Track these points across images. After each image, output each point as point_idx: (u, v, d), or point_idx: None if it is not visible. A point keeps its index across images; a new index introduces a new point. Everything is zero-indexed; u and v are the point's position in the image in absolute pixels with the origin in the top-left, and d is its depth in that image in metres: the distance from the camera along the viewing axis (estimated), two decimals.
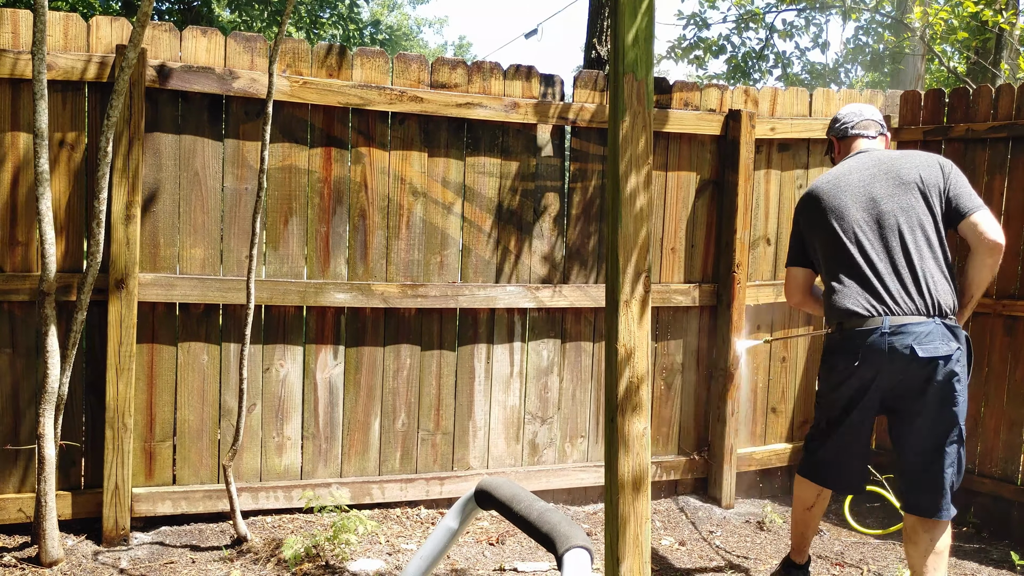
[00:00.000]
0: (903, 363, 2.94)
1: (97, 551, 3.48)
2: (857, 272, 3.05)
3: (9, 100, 3.38)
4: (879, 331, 2.96)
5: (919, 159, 3.15)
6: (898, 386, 3.00)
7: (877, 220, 3.08)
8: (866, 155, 3.24)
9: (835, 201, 3.15)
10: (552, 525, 1.28)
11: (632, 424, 2.30)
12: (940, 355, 2.92)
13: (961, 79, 9.01)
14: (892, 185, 3.10)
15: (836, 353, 3.09)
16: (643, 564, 2.33)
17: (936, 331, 2.93)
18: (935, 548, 3.03)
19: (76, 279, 3.44)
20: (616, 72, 2.23)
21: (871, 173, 3.15)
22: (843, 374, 3.06)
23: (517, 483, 1.47)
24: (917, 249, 3.03)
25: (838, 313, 3.07)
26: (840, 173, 3.22)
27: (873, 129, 3.36)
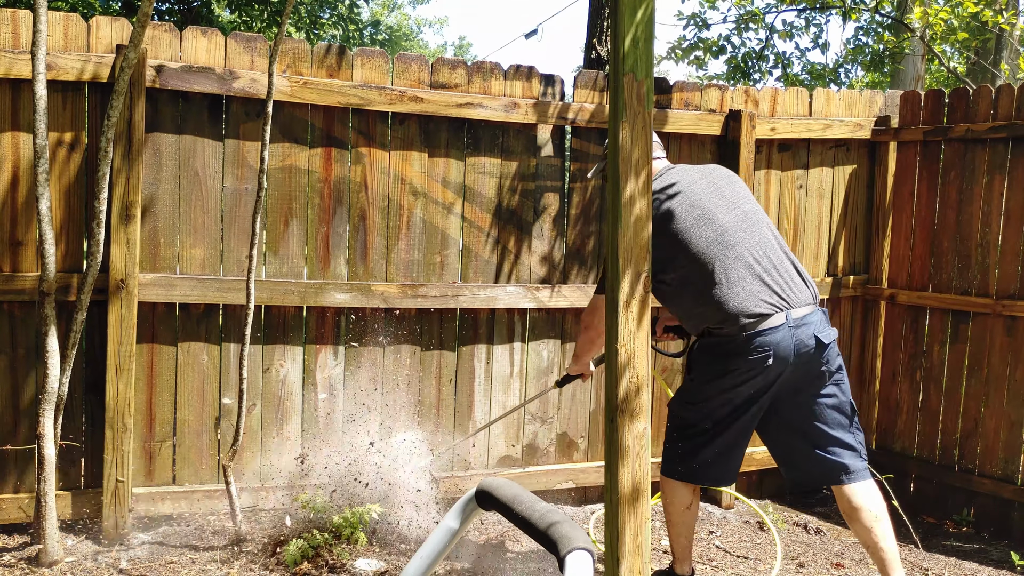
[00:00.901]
0: (808, 354, 3.01)
1: (97, 551, 3.48)
2: (747, 273, 3.04)
3: (9, 100, 3.38)
4: (784, 326, 2.98)
5: (727, 171, 3.33)
6: (799, 374, 3.05)
7: (743, 220, 3.12)
8: (683, 168, 3.26)
9: (691, 212, 3.10)
10: (553, 526, 1.28)
11: (632, 424, 2.30)
12: (833, 339, 3.07)
13: (961, 79, 9.01)
14: (735, 187, 3.21)
15: (737, 355, 3.02)
16: (643, 564, 2.33)
17: (823, 317, 3.08)
18: (875, 514, 3.09)
19: (76, 279, 3.44)
20: (616, 72, 2.23)
21: (709, 180, 3.20)
22: (746, 375, 3.03)
23: (518, 484, 1.47)
24: (781, 244, 3.16)
25: (735, 315, 3.00)
26: (678, 185, 3.16)
27: (660, 149, 3.36)
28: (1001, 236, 4.35)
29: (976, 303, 4.41)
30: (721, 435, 3.16)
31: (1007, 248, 4.33)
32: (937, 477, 4.57)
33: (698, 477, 3.25)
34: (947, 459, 4.56)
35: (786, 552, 4.04)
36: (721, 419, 3.14)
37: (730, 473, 3.27)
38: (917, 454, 4.70)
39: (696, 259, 3.07)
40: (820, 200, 4.82)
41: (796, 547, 4.11)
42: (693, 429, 3.21)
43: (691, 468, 3.24)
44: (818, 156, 4.79)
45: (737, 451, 3.23)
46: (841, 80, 11.58)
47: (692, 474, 3.24)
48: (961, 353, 4.51)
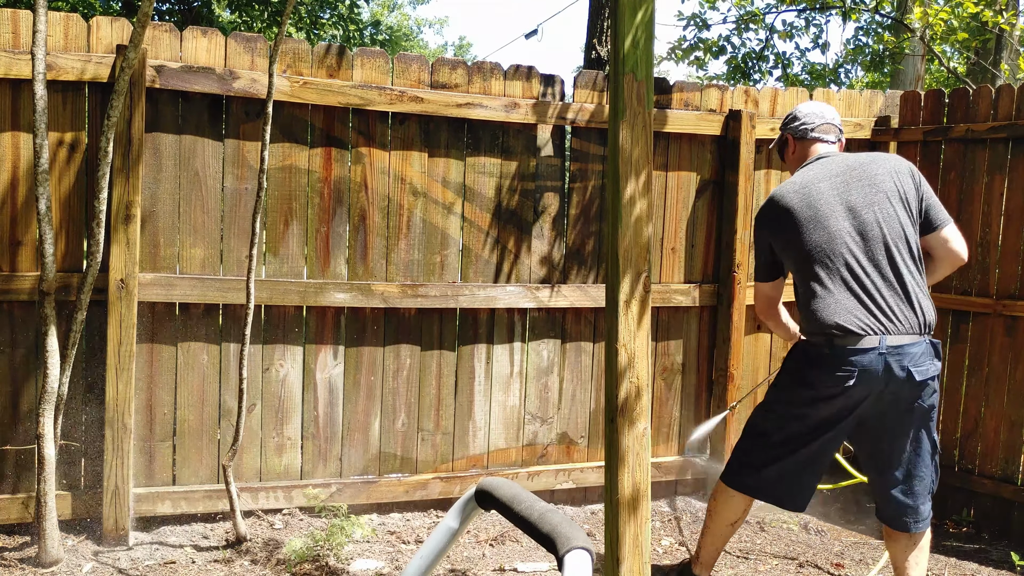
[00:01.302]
0: (897, 385, 2.84)
1: (97, 551, 3.48)
2: (846, 287, 2.88)
3: (9, 100, 3.38)
4: (876, 351, 2.82)
5: (890, 164, 3.02)
6: (885, 406, 2.90)
7: (860, 231, 2.92)
8: (830, 161, 3.06)
9: (809, 212, 2.96)
10: (553, 526, 1.28)
11: (632, 425, 2.30)
12: (930, 376, 2.87)
13: (961, 79, 9.01)
14: (869, 192, 2.95)
15: (820, 367, 2.90)
16: (643, 565, 2.33)
17: (927, 351, 2.88)
18: (917, 544, 3.01)
19: (76, 279, 3.44)
20: (616, 73, 2.23)
21: (843, 180, 2.99)
22: (827, 391, 2.90)
23: (517, 484, 1.47)
24: (903, 261, 2.90)
25: (826, 327, 2.88)
26: (807, 181, 3.02)
27: (832, 134, 3.20)
28: (1001, 236, 4.35)
29: (976, 303, 4.41)
30: (792, 454, 3.02)
31: (1007, 248, 4.33)
32: None
33: (758, 492, 3.13)
34: (947, 459, 4.56)
35: (786, 552, 4.04)
36: (794, 436, 3.00)
37: (794, 496, 3.10)
38: None
39: (800, 263, 2.98)
40: None
41: (796, 547, 4.11)
42: (765, 440, 3.09)
43: (750, 479, 3.13)
44: None
45: (806, 476, 3.07)
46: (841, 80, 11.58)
47: (748, 485, 3.14)
48: (961, 353, 4.51)
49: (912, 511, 2.98)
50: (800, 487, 3.10)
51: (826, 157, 3.08)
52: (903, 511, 2.99)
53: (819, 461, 3.06)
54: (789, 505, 3.14)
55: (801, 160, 3.19)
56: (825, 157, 3.09)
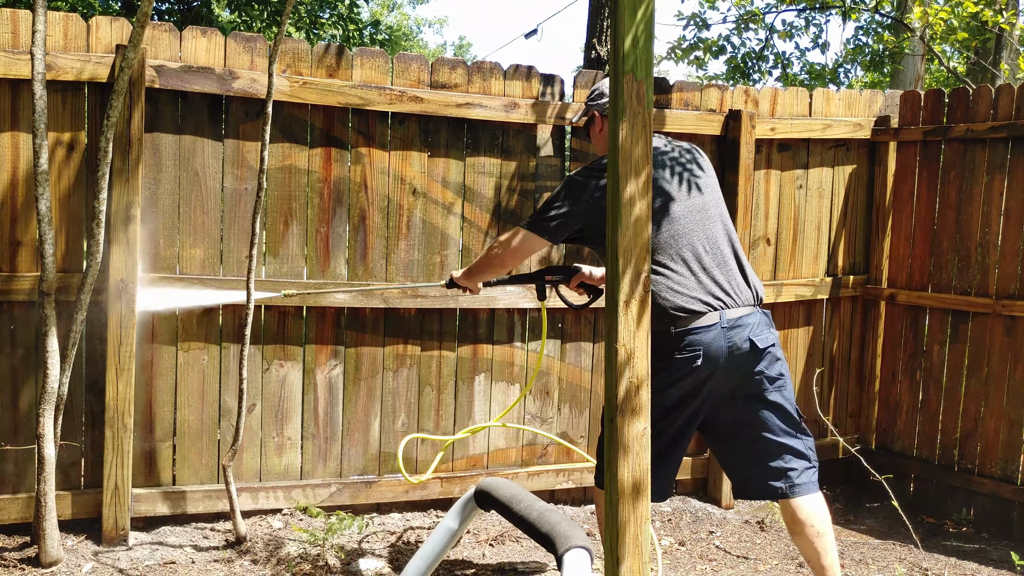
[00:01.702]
0: (742, 357, 2.88)
1: (97, 551, 3.48)
2: (687, 267, 2.89)
3: (9, 100, 3.38)
4: (717, 326, 2.85)
5: (687, 148, 3.12)
6: (732, 379, 2.91)
7: (688, 212, 2.94)
8: (656, 140, 3.03)
9: (655, 195, 2.91)
10: (552, 525, 1.28)
11: (632, 425, 2.30)
12: (770, 343, 2.92)
13: (961, 79, 9.01)
14: (688, 175, 3.00)
15: (666, 353, 2.87)
16: (643, 565, 2.33)
17: (763, 320, 2.94)
18: (819, 530, 2.94)
19: (76, 279, 3.44)
20: (616, 73, 2.22)
21: (665, 162, 3.00)
22: (676, 374, 2.88)
23: (517, 484, 1.47)
24: (727, 239, 2.99)
25: (668, 312, 2.86)
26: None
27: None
28: (1001, 236, 4.36)
29: (976, 303, 4.41)
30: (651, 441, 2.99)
31: (1007, 248, 4.33)
32: (937, 477, 4.58)
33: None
34: (947, 459, 4.56)
35: (786, 552, 4.04)
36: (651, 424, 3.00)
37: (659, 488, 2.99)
38: (917, 454, 4.70)
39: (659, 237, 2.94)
40: (820, 200, 4.82)
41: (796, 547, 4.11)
42: None
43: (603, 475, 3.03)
44: (818, 156, 4.79)
45: (667, 464, 3.01)
46: (841, 80, 11.58)
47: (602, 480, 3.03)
48: (961, 353, 4.52)
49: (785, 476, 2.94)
50: (664, 477, 3.02)
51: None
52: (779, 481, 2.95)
53: (676, 446, 3.02)
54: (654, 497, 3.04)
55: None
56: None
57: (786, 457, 2.96)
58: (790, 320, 4.78)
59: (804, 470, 2.97)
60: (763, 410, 2.96)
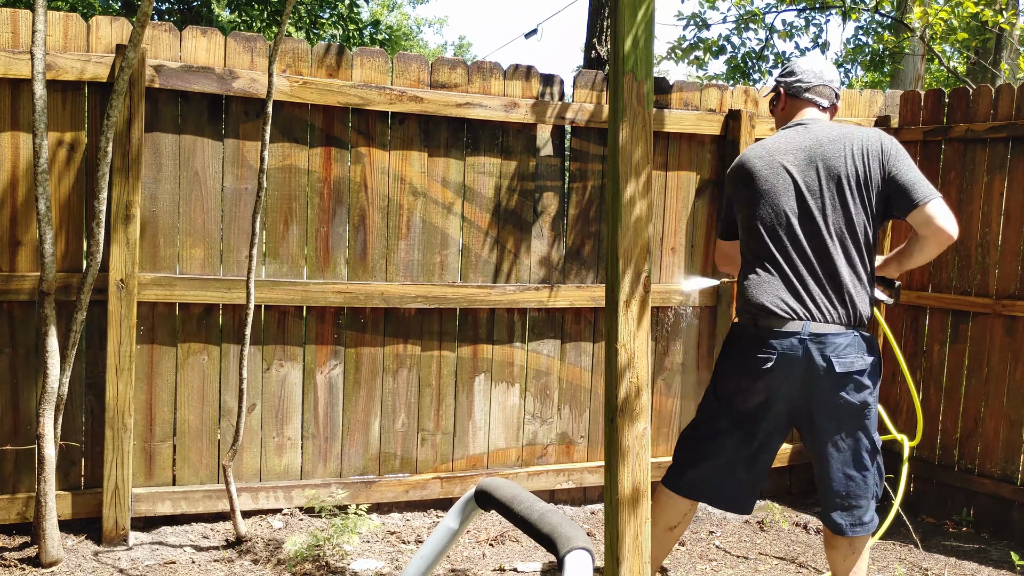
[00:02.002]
0: (817, 374, 2.75)
1: (97, 551, 3.48)
2: (778, 268, 2.81)
3: (9, 100, 3.38)
4: (797, 336, 2.75)
5: (859, 143, 2.83)
6: (809, 399, 2.81)
7: (806, 214, 2.81)
8: (804, 131, 2.92)
9: (766, 184, 2.86)
10: (553, 526, 1.28)
11: (632, 425, 2.30)
12: (855, 369, 2.76)
13: (961, 79, 9.01)
14: (827, 174, 2.82)
15: (746, 347, 2.82)
16: (643, 565, 2.33)
17: (854, 343, 2.77)
18: (856, 551, 2.90)
19: (76, 279, 3.44)
20: (616, 73, 2.23)
21: (806, 156, 2.85)
22: (750, 374, 2.81)
23: (517, 484, 1.47)
24: (843, 252, 2.81)
25: (751, 306, 2.83)
26: (774, 149, 2.90)
27: (826, 99, 3.02)
28: (1001, 236, 4.35)
29: (976, 303, 4.41)
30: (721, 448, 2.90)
31: (1007, 248, 4.33)
32: (937, 477, 4.57)
33: (691, 491, 2.97)
34: (947, 459, 4.56)
35: (786, 552, 4.04)
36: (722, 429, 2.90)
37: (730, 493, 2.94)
38: (917, 454, 4.70)
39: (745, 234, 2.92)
40: None
41: (796, 547, 4.11)
42: (695, 433, 3.00)
43: (682, 476, 2.98)
44: None
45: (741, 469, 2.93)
46: (841, 80, 11.58)
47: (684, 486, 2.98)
48: (961, 353, 4.51)
49: (846, 514, 2.86)
50: (736, 486, 2.96)
51: (804, 126, 2.94)
52: (838, 513, 2.87)
53: (756, 458, 2.93)
54: (727, 506, 2.99)
55: (786, 119, 3.05)
56: (803, 125, 2.94)
57: (851, 492, 2.85)
58: None
59: (866, 509, 2.87)
60: (839, 438, 2.83)
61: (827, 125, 2.93)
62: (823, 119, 2.98)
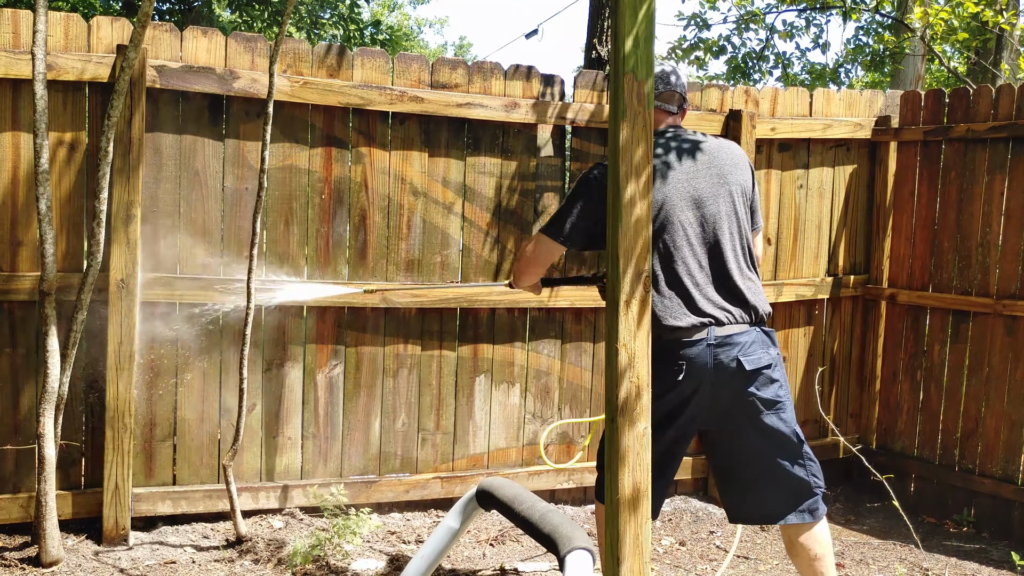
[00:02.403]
0: (728, 376, 2.76)
1: (97, 551, 3.48)
2: (681, 282, 2.80)
3: (9, 100, 3.38)
4: (704, 342, 2.76)
5: (735, 152, 2.94)
6: (722, 401, 2.81)
7: (701, 223, 2.83)
8: (680, 143, 2.90)
9: (659, 195, 2.81)
10: (554, 526, 1.28)
11: (632, 424, 2.29)
12: (763, 364, 2.77)
13: (961, 79, 9.01)
14: (716, 184, 2.86)
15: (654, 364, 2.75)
16: (643, 564, 2.33)
17: (759, 340, 2.80)
18: (816, 553, 2.85)
19: (76, 279, 3.44)
20: (616, 73, 2.23)
21: (693, 167, 2.86)
22: (660, 387, 2.73)
23: (518, 484, 1.47)
24: (736, 256, 2.85)
25: (657, 327, 2.78)
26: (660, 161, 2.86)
27: (674, 102, 2.97)
28: (1001, 236, 4.35)
29: (976, 303, 4.41)
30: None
31: (1007, 248, 4.33)
32: (937, 477, 4.57)
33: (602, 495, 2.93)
34: (947, 459, 4.56)
35: (786, 552, 4.03)
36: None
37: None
38: (917, 454, 4.70)
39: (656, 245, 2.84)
40: (820, 200, 4.82)
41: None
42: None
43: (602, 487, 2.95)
44: (818, 156, 4.79)
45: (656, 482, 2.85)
46: (841, 80, 11.58)
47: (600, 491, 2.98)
48: (961, 353, 4.51)
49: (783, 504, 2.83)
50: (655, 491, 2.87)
51: (674, 136, 2.92)
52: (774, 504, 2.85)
53: (664, 466, 2.90)
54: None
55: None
56: (673, 136, 2.92)
57: (782, 486, 2.83)
58: (791, 320, 4.78)
59: (803, 499, 2.83)
60: (758, 436, 2.83)
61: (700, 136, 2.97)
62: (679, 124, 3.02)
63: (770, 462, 2.84)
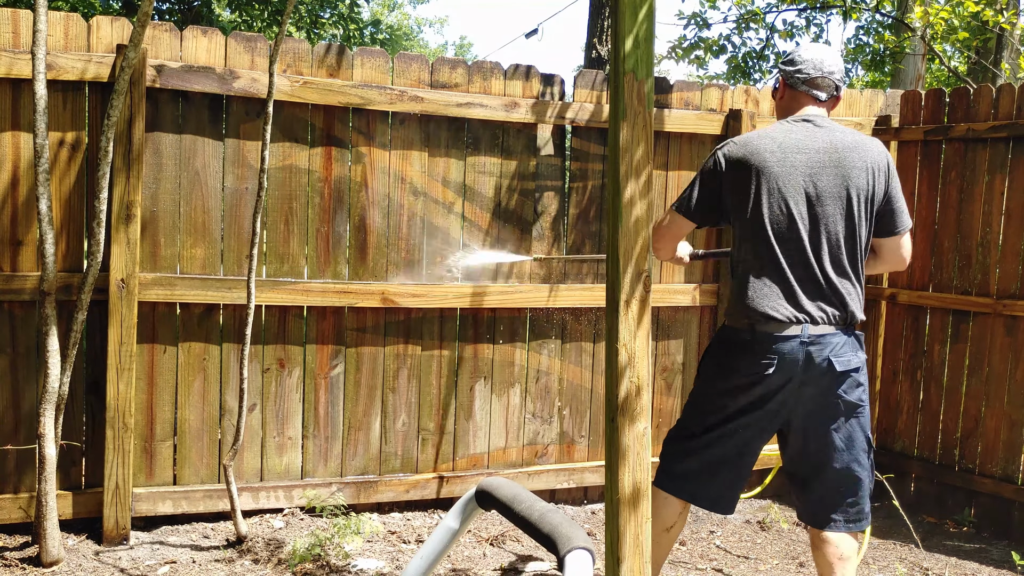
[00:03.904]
0: (817, 374, 2.75)
1: (98, 551, 3.49)
2: (782, 274, 2.77)
3: (9, 100, 3.38)
4: (798, 339, 2.74)
5: (870, 155, 2.84)
6: (807, 399, 2.80)
7: (815, 222, 2.78)
8: (816, 131, 2.84)
9: (779, 182, 2.77)
10: (553, 526, 1.28)
11: (633, 424, 2.30)
12: (852, 367, 2.77)
13: (961, 79, 9.01)
14: (839, 183, 2.79)
15: (741, 352, 2.81)
16: (643, 564, 2.33)
17: (849, 343, 2.79)
18: (841, 552, 2.85)
19: (76, 279, 3.44)
20: (616, 72, 2.23)
21: (820, 160, 2.79)
22: (746, 379, 2.79)
23: (518, 484, 1.47)
24: (844, 262, 2.81)
25: (751, 312, 2.79)
26: (786, 145, 2.81)
27: (825, 90, 2.92)
28: (1002, 236, 4.35)
29: (977, 303, 4.41)
30: (710, 445, 2.88)
31: (1007, 248, 4.33)
32: (937, 477, 4.57)
33: (682, 491, 2.92)
34: (948, 459, 4.56)
35: (786, 552, 4.04)
36: (712, 426, 2.87)
37: (714, 493, 2.91)
38: (918, 454, 4.70)
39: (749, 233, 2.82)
40: None
41: (797, 547, 4.11)
42: (685, 432, 2.97)
43: (671, 475, 2.94)
44: None
45: (725, 469, 2.90)
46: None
47: (671, 482, 2.94)
48: (961, 353, 4.51)
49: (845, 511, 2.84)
50: (721, 482, 2.92)
51: (812, 122, 2.86)
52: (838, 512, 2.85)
53: (740, 458, 2.91)
54: (712, 506, 2.94)
55: (787, 111, 2.95)
56: (811, 122, 2.86)
57: (851, 489, 2.84)
58: None
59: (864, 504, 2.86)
60: (837, 438, 2.82)
61: (839, 129, 2.88)
62: (823, 114, 2.93)
63: (842, 465, 2.83)
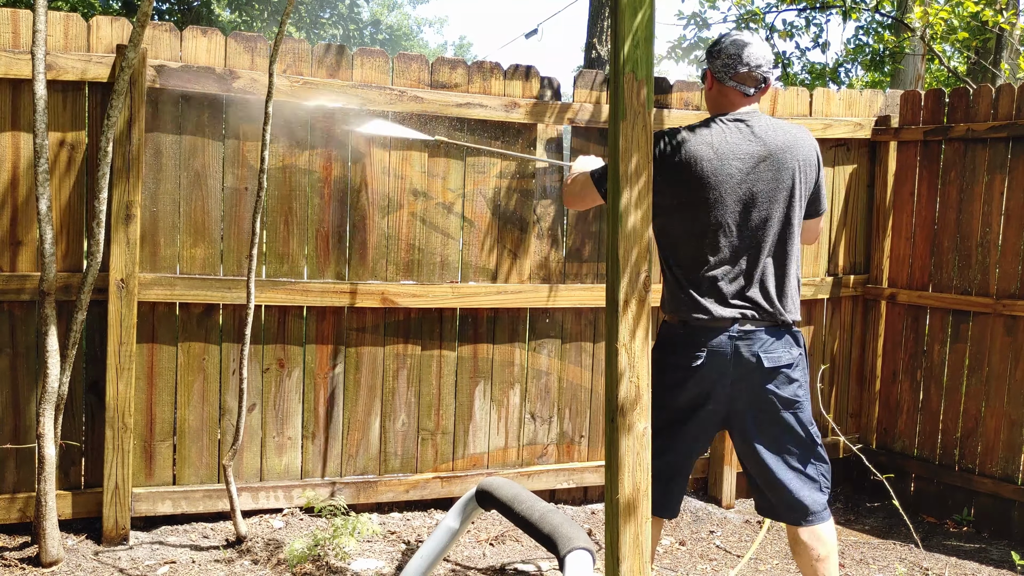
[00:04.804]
0: (746, 370, 2.75)
1: (97, 551, 3.49)
2: (715, 275, 2.78)
3: (9, 100, 3.38)
4: (726, 333, 2.75)
5: (802, 151, 2.82)
6: (741, 396, 2.80)
7: (750, 221, 2.78)
8: (750, 132, 2.79)
9: (715, 192, 2.74)
10: (554, 526, 1.28)
11: (632, 424, 2.30)
12: (783, 363, 2.77)
13: (961, 79, 9.01)
14: (774, 187, 2.78)
15: (674, 348, 2.81)
16: (643, 564, 2.33)
17: (781, 339, 2.79)
18: (819, 554, 2.85)
19: (76, 279, 3.44)
20: (616, 73, 2.23)
21: (755, 166, 2.77)
22: (681, 373, 2.79)
23: (518, 483, 1.47)
24: (783, 258, 2.82)
25: (682, 310, 2.80)
26: (723, 152, 2.75)
27: (753, 85, 2.83)
28: (1001, 236, 4.35)
29: (976, 303, 4.41)
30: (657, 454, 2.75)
31: (1007, 248, 4.33)
32: (937, 476, 4.57)
33: None
34: (947, 459, 4.56)
35: (786, 552, 4.04)
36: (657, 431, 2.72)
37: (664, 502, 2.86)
38: (917, 453, 4.70)
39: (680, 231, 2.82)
40: None
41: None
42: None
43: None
44: None
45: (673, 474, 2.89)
46: (841, 80, 11.58)
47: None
48: (961, 353, 4.51)
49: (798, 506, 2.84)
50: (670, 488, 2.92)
51: (745, 122, 2.81)
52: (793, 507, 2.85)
53: (681, 454, 2.90)
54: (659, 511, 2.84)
55: (717, 105, 2.89)
56: (744, 122, 2.81)
57: (796, 486, 2.84)
58: None
59: (815, 496, 2.85)
60: (775, 433, 2.82)
61: (772, 127, 2.83)
62: (754, 110, 2.86)
63: (783, 460, 2.84)
